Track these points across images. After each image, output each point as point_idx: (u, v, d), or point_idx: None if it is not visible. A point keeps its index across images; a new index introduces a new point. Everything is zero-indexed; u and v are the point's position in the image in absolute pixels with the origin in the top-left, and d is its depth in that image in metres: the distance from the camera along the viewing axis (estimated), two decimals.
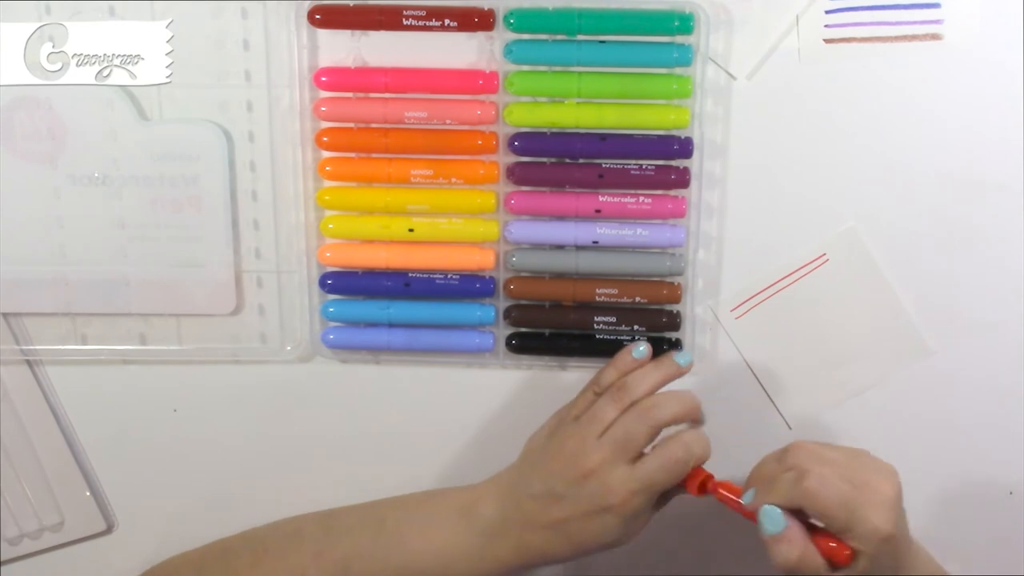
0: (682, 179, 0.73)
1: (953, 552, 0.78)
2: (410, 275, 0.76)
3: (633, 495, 0.66)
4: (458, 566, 0.69)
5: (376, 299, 0.76)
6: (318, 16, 0.71)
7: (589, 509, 0.67)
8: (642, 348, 0.71)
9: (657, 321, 0.76)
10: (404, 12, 0.70)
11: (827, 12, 0.71)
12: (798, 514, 0.61)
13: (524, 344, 0.77)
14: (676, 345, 0.76)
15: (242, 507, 0.80)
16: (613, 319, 0.75)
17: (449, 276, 0.76)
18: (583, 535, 0.67)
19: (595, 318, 0.75)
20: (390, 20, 0.71)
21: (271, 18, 0.72)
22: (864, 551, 0.60)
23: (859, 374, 0.77)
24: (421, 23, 0.70)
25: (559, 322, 0.76)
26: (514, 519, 0.68)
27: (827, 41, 0.72)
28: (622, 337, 0.76)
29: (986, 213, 0.74)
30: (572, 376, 0.78)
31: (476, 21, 0.70)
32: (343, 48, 0.72)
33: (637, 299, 0.75)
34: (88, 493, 0.80)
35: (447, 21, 0.70)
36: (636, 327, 0.75)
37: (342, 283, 0.76)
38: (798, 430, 0.78)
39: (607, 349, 0.76)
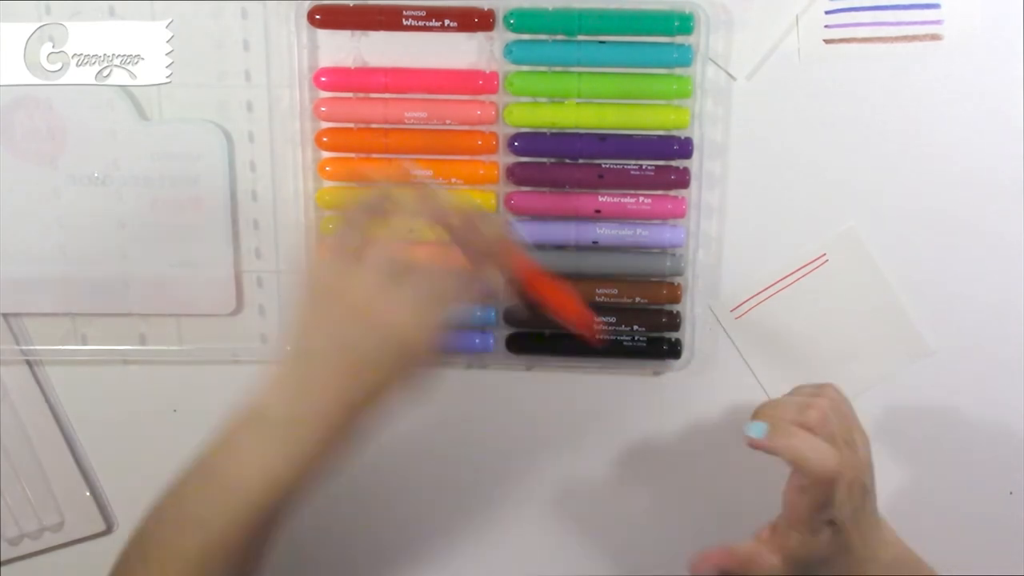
0: (682, 179, 0.73)
1: (953, 552, 0.78)
2: None
3: (418, 310, 0.61)
4: (279, 475, 0.64)
5: None
6: (318, 16, 0.71)
7: (377, 344, 0.61)
8: None
9: (657, 321, 0.76)
10: (404, 12, 0.70)
11: (827, 12, 0.71)
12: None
13: (524, 344, 0.77)
14: (676, 345, 0.76)
15: None
16: (613, 319, 0.75)
17: None
18: (382, 375, 0.63)
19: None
20: (390, 20, 0.71)
21: (271, 18, 0.72)
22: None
23: (859, 374, 0.77)
24: (421, 23, 0.70)
25: (559, 322, 0.76)
26: (302, 398, 0.64)
27: (827, 41, 0.72)
28: (622, 337, 0.76)
29: (986, 213, 0.74)
30: (572, 376, 0.78)
31: (476, 21, 0.70)
32: (343, 48, 0.72)
33: (637, 299, 0.75)
34: (88, 493, 0.80)
35: (447, 21, 0.70)
36: (636, 327, 0.75)
37: None
38: None
39: (607, 349, 0.76)
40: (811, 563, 0.66)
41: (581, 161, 0.74)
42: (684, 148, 0.72)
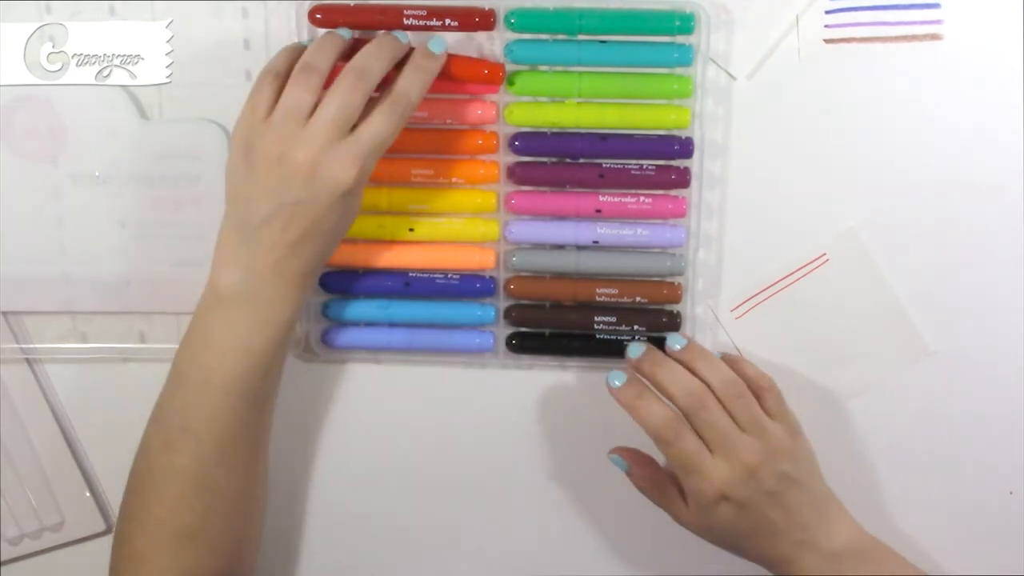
0: (682, 179, 0.73)
1: (953, 552, 0.78)
2: (410, 275, 0.76)
3: (363, 161, 0.64)
4: (254, 347, 0.66)
5: (376, 299, 0.76)
6: (319, 15, 0.71)
7: (327, 202, 0.64)
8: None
9: (657, 321, 0.75)
10: (405, 12, 0.70)
11: (827, 12, 0.71)
12: None
13: (524, 344, 0.77)
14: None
15: None
16: (613, 319, 0.75)
17: (449, 276, 0.75)
18: (330, 232, 0.65)
19: (595, 318, 0.75)
20: (391, 20, 0.70)
21: (271, 18, 0.72)
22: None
23: (859, 374, 0.77)
24: (422, 23, 0.70)
25: (559, 322, 0.76)
26: (258, 265, 0.65)
27: (827, 41, 0.72)
28: (622, 337, 0.76)
29: (986, 213, 0.74)
30: (572, 376, 0.78)
31: (477, 21, 0.70)
32: None
33: (637, 299, 0.75)
34: (88, 493, 0.80)
35: (448, 21, 0.70)
36: (636, 327, 0.75)
37: (342, 283, 0.76)
38: None
39: (607, 349, 0.76)
40: (723, 532, 0.70)
41: (582, 161, 0.74)
42: (685, 148, 0.72)
